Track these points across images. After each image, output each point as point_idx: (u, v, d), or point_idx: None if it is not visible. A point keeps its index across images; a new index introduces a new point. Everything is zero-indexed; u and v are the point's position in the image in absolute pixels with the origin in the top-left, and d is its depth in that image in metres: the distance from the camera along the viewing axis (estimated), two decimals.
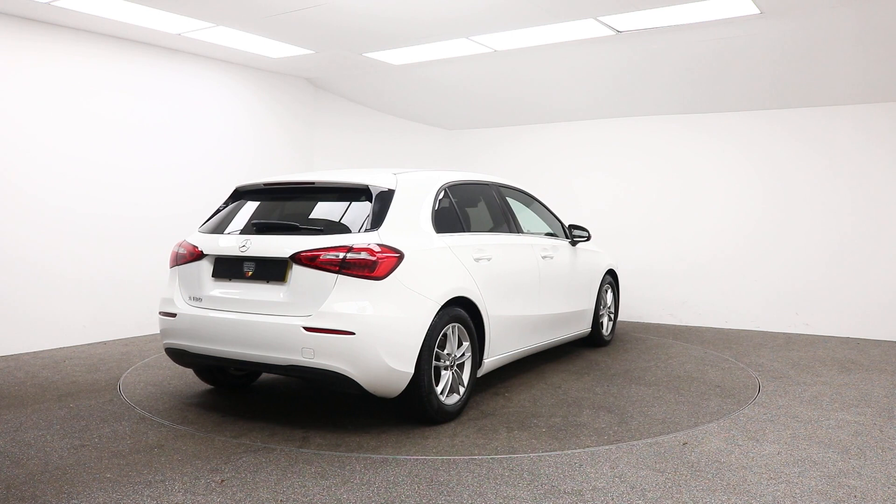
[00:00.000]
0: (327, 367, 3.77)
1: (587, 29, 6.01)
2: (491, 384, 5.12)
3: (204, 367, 4.68)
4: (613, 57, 6.77)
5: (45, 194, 6.23)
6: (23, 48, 6.06)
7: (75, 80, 6.41)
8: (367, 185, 4.21)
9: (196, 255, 4.34)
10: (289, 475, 3.37)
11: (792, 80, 6.83)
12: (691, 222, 7.97)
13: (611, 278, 6.67)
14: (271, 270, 4.04)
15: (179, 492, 3.17)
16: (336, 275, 3.82)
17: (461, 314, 4.25)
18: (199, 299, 4.28)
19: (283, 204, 4.54)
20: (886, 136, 6.93)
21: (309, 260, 3.88)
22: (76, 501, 3.07)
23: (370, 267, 3.81)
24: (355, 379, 3.79)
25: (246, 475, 3.37)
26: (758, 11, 5.43)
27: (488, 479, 3.33)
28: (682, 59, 6.67)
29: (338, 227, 4.08)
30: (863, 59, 6.21)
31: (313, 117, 8.61)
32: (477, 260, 4.51)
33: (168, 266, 4.62)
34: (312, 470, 3.44)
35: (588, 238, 6.07)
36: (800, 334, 7.24)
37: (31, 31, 6.10)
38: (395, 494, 3.15)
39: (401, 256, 3.92)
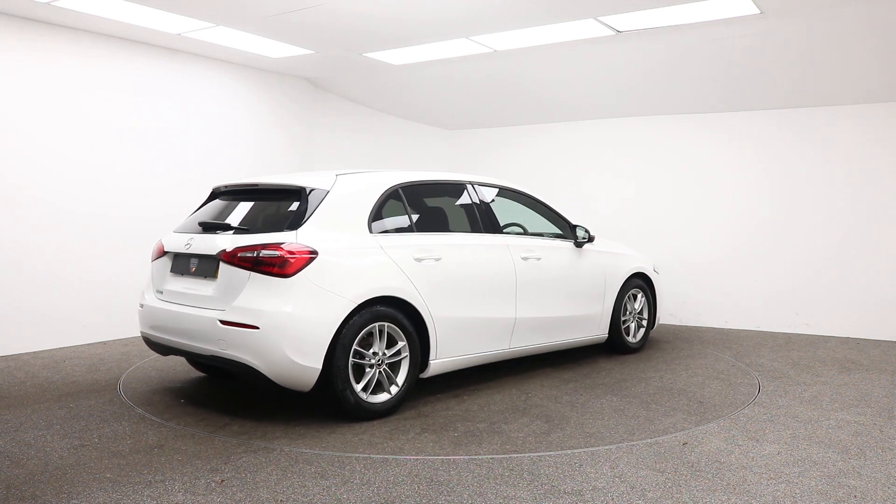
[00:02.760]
0: (237, 358, 4.03)
1: (587, 29, 6.01)
2: (460, 385, 5.09)
3: (168, 354, 4.74)
4: (613, 57, 6.77)
5: (45, 194, 6.23)
6: (23, 48, 6.07)
7: (75, 81, 6.41)
8: (301, 187, 4.41)
9: (162, 252, 4.73)
10: (289, 475, 3.37)
11: (793, 79, 6.83)
12: (690, 222, 7.97)
13: (641, 282, 6.34)
14: (206, 267, 4.34)
15: (179, 492, 3.17)
16: (250, 272, 4.04)
17: (390, 313, 4.28)
18: (161, 292, 4.65)
19: (236, 204, 4.75)
20: (888, 136, 6.93)
21: (230, 257, 4.13)
22: (76, 501, 3.07)
23: (280, 265, 3.99)
24: (261, 371, 3.99)
25: (246, 475, 3.37)
26: (758, 11, 5.44)
27: (488, 479, 3.34)
28: (681, 59, 6.67)
29: (265, 227, 4.34)
30: (867, 58, 6.20)
31: (313, 117, 8.61)
32: (419, 260, 4.50)
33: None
34: (312, 470, 3.44)
35: (589, 239, 5.82)
36: (800, 334, 7.24)
37: (31, 31, 6.10)
38: (395, 494, 3.16)
39: (313, 255, 4.05)
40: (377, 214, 4.48)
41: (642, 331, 6.40)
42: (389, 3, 5.52)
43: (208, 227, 4.54)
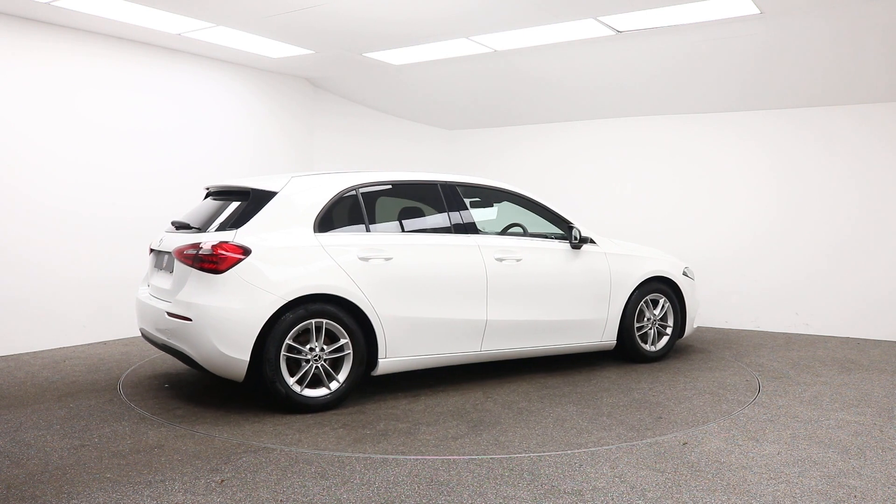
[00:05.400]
0: (178, 347, 4.41)
1: (587, 29, 6.01)
2: (431, 385, 5.09)
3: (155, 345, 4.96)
4: (614, 57, 6.77)
5: (46, 195, 6.23)
6: (23, 48, 6.07)
7: (75, 81, 6.41)
8: (252, 189, 4.68)
9: (151, 249, 5.13)
10: (289, 475, 3.37)
11: (795, 79, 6.82)
12: (690, 223, 7.96)
13: (664, 286, 5.93)
14: (170, 263, 4.66)
15: (179, 492, 3.17)
16: (191, 268, 4.34)
17: (329, 311, 4.39)
18: (149, 286, 5.00)
19: (212, 204, 4.99)
20: (889, 135, 6.92)
21: (179, 254, 4.46)
22: (76, 501, 3.07)
23: (213, 262, 4.27)
24: (196, 360, 4.32)
25: (246, 475, 3.37)
26: (758, 11, 5.44)
27: (488, 479, 3.34)
28: (682, 59, 6.67)
29: (215, 226, 4.59)
30: (871, 58, 6.19)
31: (313, 117, 8.61)
32: (365, 259, 4.55)
33: None
34: (312, 470, 3.44)
35: (581, 240, 5.49)
36: (800, 334, 7.24)
37: (31, 31, 6.10)
38: (395, 494, 3.16)
39: (245, 253, 4.27)
40: (326, 215, 4.61)
41: (665, 339, 5.98)
42: (389, 4, 5.52)
43: (178, 226, 4.88)
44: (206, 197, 5.23)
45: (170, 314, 4.39)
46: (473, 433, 4.03)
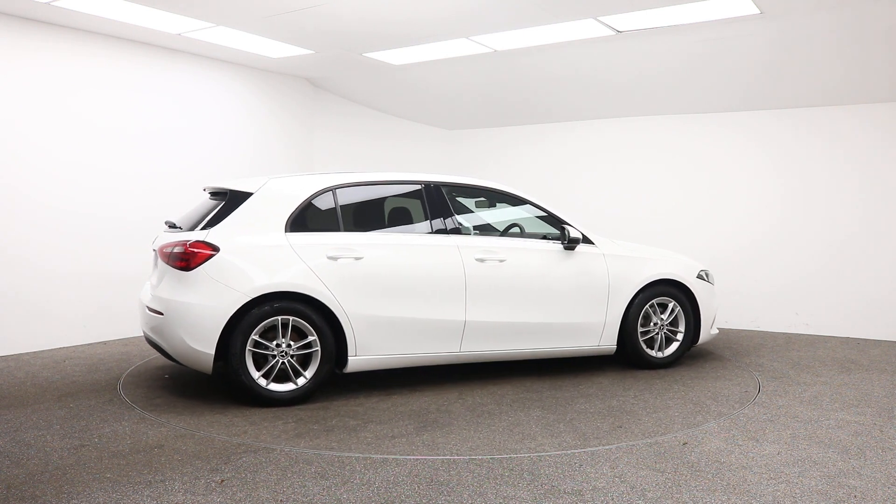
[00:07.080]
0: (155, 340, 4.67)
1: (587, 29, 6.01)
2: (412, 383, 5.10)
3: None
4: (614, 57, 6.77)
5: (46, 195, 6.23)
6: (23, 48, 6.07)
7: (75, 81, 6.40)
8: (229, 190, 4.87)
9: (153, 249, 5.20)
10: (289, 475, 3.37)
11: (796, 79, 6.82)
12: (690, 223, 7.96)
13: (674, 290, 5.63)
14: (158, 261, 4.83)
15: (179, 492, 3.17)
16: (168, 265, 4.58)
17: (296, 308, 4.51)
18: (150, 285, 5.08)
19: (201, 204, 5.18)
20: (891, 135, 6.91)
21: (160, 253, 4.69)
22: (76, 501, 3.07)
23: (184, 259, 4.48)
24: (169, 352, 4.57)
25: (246, 475, 3.37)
26: (758, 11, 5.44)
27: (488, 479, 3.34)
28: (682, 59, 6.67)
29: (193, 226, 4.77)
30: (872, 58, 6.19)
31: (313, 117, 8.61)
32: (334, 258, 4.63)
33: None
34: (312, 470, 3.44)
35: (571, 240, 5.27)
36: (800, 334, 7.24)
37: (31, 31, 6.10)
38: (395, 494, 3.16)
39: (214, 252, 4.45)
40: (299, 215, 4.73)
41: (675, 345, 5.69)
42: (389, 4, 5.52)
43: (170, 226, 5.09)
44: (208, 196, 5.34)
45: (149, 309, 4.67)
46: (415, 434, 4.02)
